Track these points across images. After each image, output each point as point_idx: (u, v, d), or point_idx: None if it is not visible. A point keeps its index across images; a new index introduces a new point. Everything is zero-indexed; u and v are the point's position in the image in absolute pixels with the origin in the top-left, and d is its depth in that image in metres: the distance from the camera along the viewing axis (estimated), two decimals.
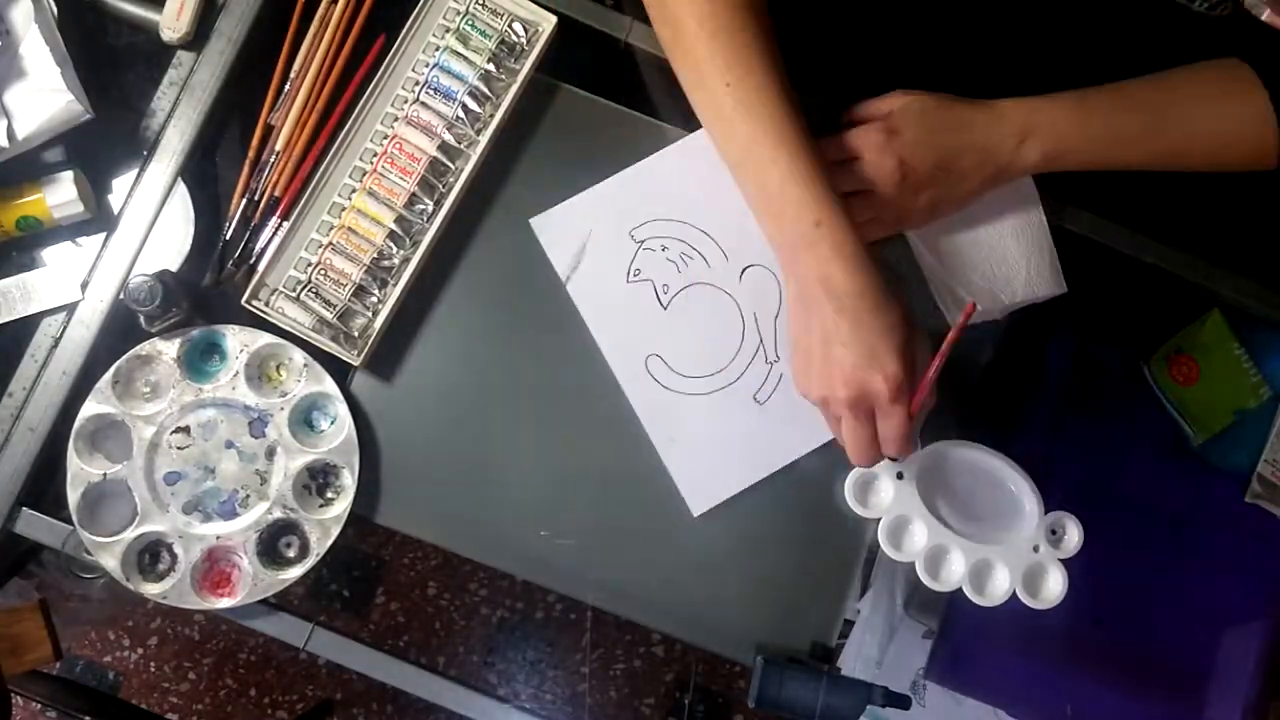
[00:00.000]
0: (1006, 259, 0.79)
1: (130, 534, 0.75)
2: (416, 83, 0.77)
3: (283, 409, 0.77)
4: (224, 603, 0.76)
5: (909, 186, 0.73)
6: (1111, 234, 0.83)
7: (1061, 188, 0.80)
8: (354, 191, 0.77)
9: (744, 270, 0.79)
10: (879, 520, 0.77)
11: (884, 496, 0.77)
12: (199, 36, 0.78)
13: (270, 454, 0.77)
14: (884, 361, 0.66)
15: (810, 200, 0.67)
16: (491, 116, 0.78)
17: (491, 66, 0.78)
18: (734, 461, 0.78)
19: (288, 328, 0.76)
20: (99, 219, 0.77)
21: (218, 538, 0.76)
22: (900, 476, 0.77)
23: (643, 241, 0.79)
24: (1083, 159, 0.74)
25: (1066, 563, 0.76)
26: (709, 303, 0.79)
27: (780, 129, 0.67)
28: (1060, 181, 0.78)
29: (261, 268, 0.76)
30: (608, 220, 0.79)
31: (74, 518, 0.75)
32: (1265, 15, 0.66)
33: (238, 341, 0.77)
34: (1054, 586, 0.76)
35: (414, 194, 0.76)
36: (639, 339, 0.78)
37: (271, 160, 0.78)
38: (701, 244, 0.79)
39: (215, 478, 0.77)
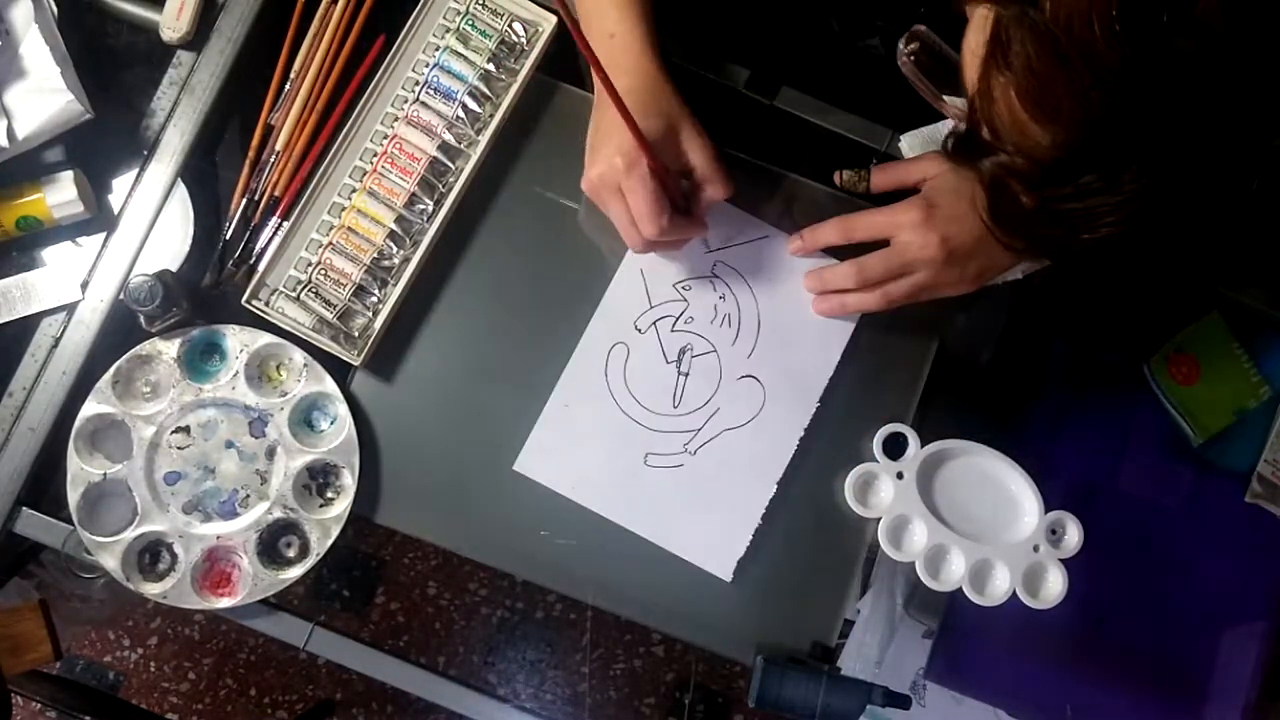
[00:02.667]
0: None
1: (130, 534, 0.75)
2: (417, 83, 0.77)
3: (283, 409, 0.77)
4: (224, 603, 0.76)
5: (955, 261, 0.71)
6: None
7: None
8: (354, 191, 0.77)
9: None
10: (879, 520, 0.77)
11: (884, 496, 0.77)
12: (199, 36, 0.78)
13: (270, 454, 0.77)
14: (619, 138, 0.68)
15: (612, 16, 0.71)
16: (491, 116, 0.78)
17: (491, 66, 0.78)
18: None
19: (288, 328, 0.76)
20: (99, 219, 0.77)
21: (218, 537, 0.76)
22: (900, 476, 0.77)
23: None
24: None
25: (1066, 563, 0.76)
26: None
27: None
28: None
29: (261, 268, 0.76)
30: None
31: (74, 517, 0.75)
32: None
33: (238, 341, 0.77)
34: (1054, 586, 0.76)
35: (414, 194, 0.76)
36: (628, 327, 0.79)
37: (271, 160, 0.78)
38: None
39: (215, 477, 0.77)
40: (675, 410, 0.79)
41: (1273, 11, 0.37)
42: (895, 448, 0.78)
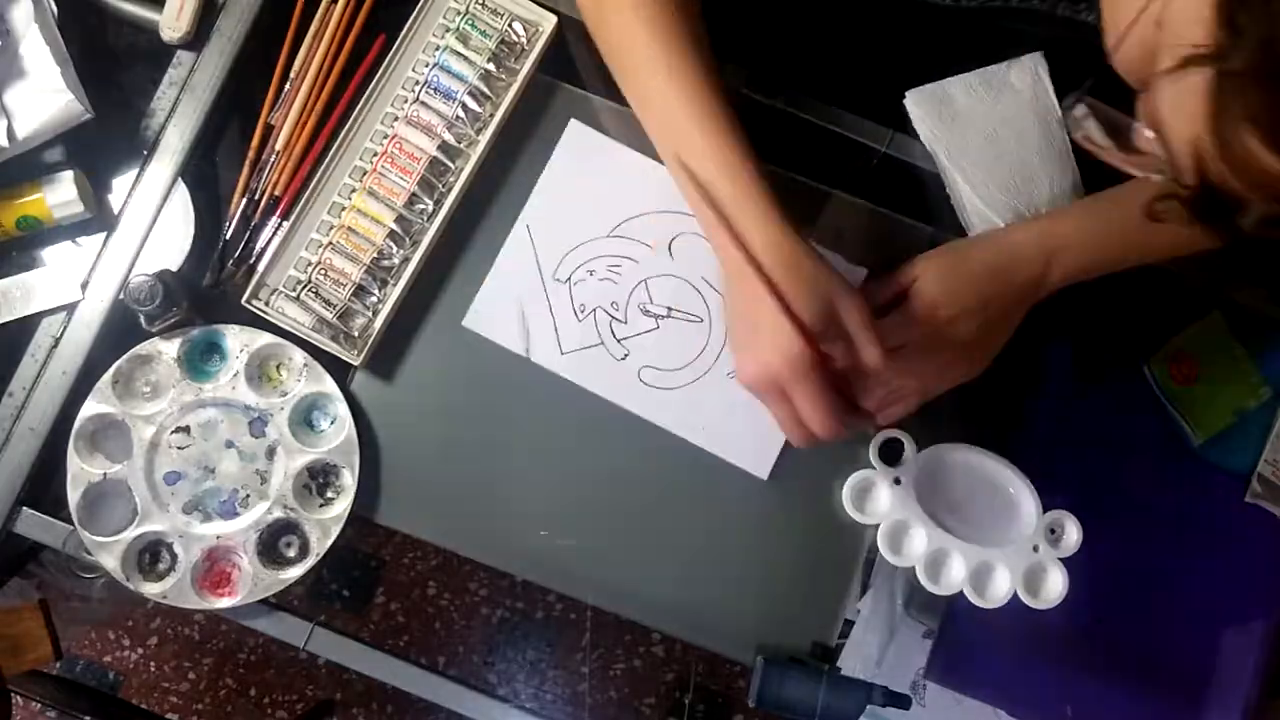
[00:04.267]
0: (1030, 174, 0.78)
1: (130, 534, 0.75)
2: (417, 82, 0.77)
3: (283, 409, 0.77)
4: (224, 602, 0.76)
5: (964, 353, 0.72)
6: None
7: None
8: (354, 191, 0.77)
9: (670, 245, 0.78)
10: (878, 525, 0.77)
11: (881, 503, 0.77)
12: (199, 36, 0.78)
13: (270, 454, 0.77)
14: (777, 337, 0.62)
15: (724, 179, 0.65)
16: (492, 116, 0.78)
17: (492, 66, 0.78)
18: (764, 415, 0.76)
19: (288, 327, 0.76)
20: (99, 219, 0.77)
21: (218, 537, 0.76)
22: (898, 482, 0.77)
23: (570, 279, 0.78)
24: (1102, 268, 0.74)
25: (1066, 563, 0.76)
26: (659, 292, 0.79)
27: (702, 102, 0.66)
28: None
29: (261, 267, 0.76)
30: (526, 280, 0.78)
31: (74, 517, 0.75)
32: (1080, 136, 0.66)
33: (238, 341, 0.77)
34: (1054, 586, 0.76)
35: (414, 194, 0.76)
36: (622, 366, 0.78)
37: (271, 160, 0.78)
38: (619, 247, 0.79)
39: (215, 477, 0.77)
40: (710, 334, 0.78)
41: None
42: (891, 453, 0.78)
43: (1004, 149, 0.79)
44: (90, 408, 0.75)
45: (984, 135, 0.78)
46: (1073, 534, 0.76)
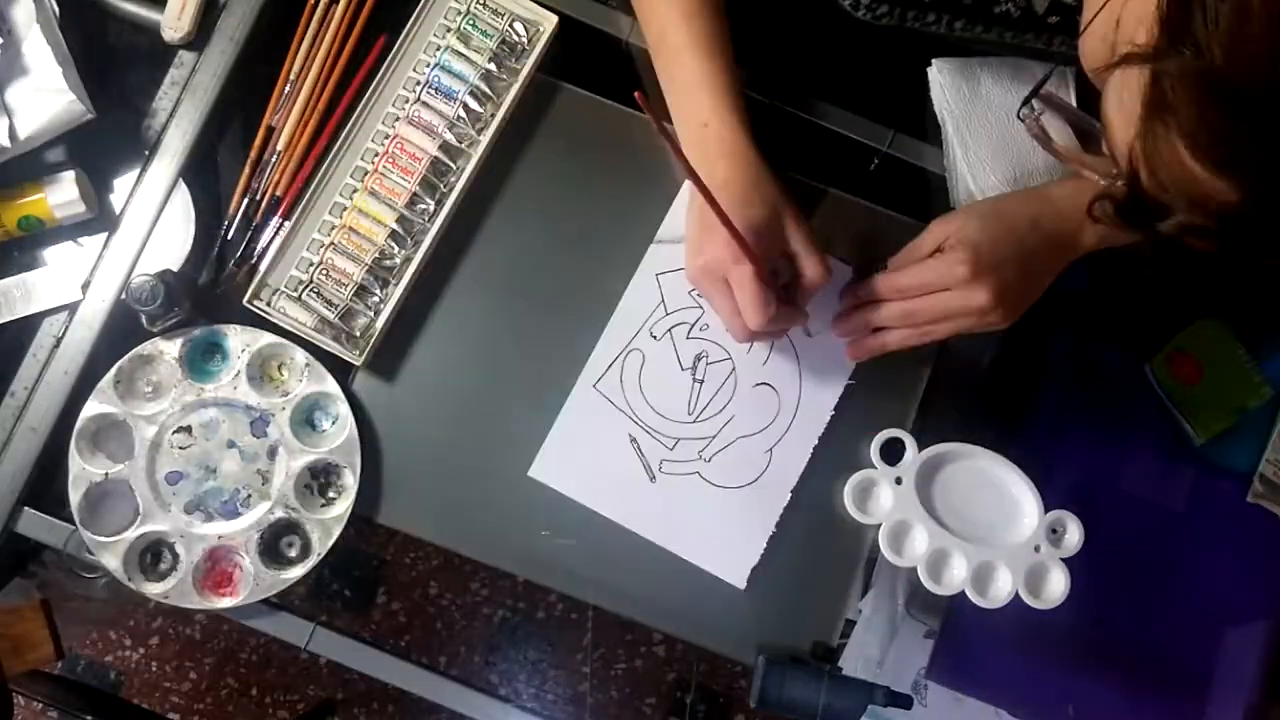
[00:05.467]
0: (1032, 173, 0.78)
1: (132, 534, 0.76)
2: (418, 82, 0.77)
3: (284, 409, 0.77)
4: (225, 602, 0.76)
5: (1002, 305, 0.71)
6: None
7: None
8: (355, 191, 0.77)
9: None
10: (879, 526, 0.77)
11: (883, 502, 0.77)
12: (201, 36, 0.78)
13: (272, 454, 0.77)
14: (723, 235, 0.67)
15: (706, 103, 0.71)
16: (493, 116, 0.78)
17: (493, 66, 0.78)
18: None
19: (289, 328, 0.76)
20: (100, 219, 0.77)
21: (219, 537, 0.76)
22: (899, 482, 0.77)
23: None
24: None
25: (1068, 563, 0.76)
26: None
27: (687, 14, 0.71)
28: None
29: (263, 268, 0.76)
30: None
31: (76, 517, 0.75)
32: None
33: (239, 341, 0.77)
34: (1056, 586, 0.76)
35: (415, 193, 0.76)
36: (643, 332, 0.79)
37: (273, 160, 0.78)
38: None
39: (217, 477, 0.77)
40: (690, 418, 0.78)
41: None
42: (893, 453, 0.78)
43: (1012, 141, 0.78)
44: (92, 407, 0.75)
45: (996, 121, 0.78)
46: (1074, 534, 0.76)
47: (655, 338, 0.79)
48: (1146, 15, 0.41)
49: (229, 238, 0.78)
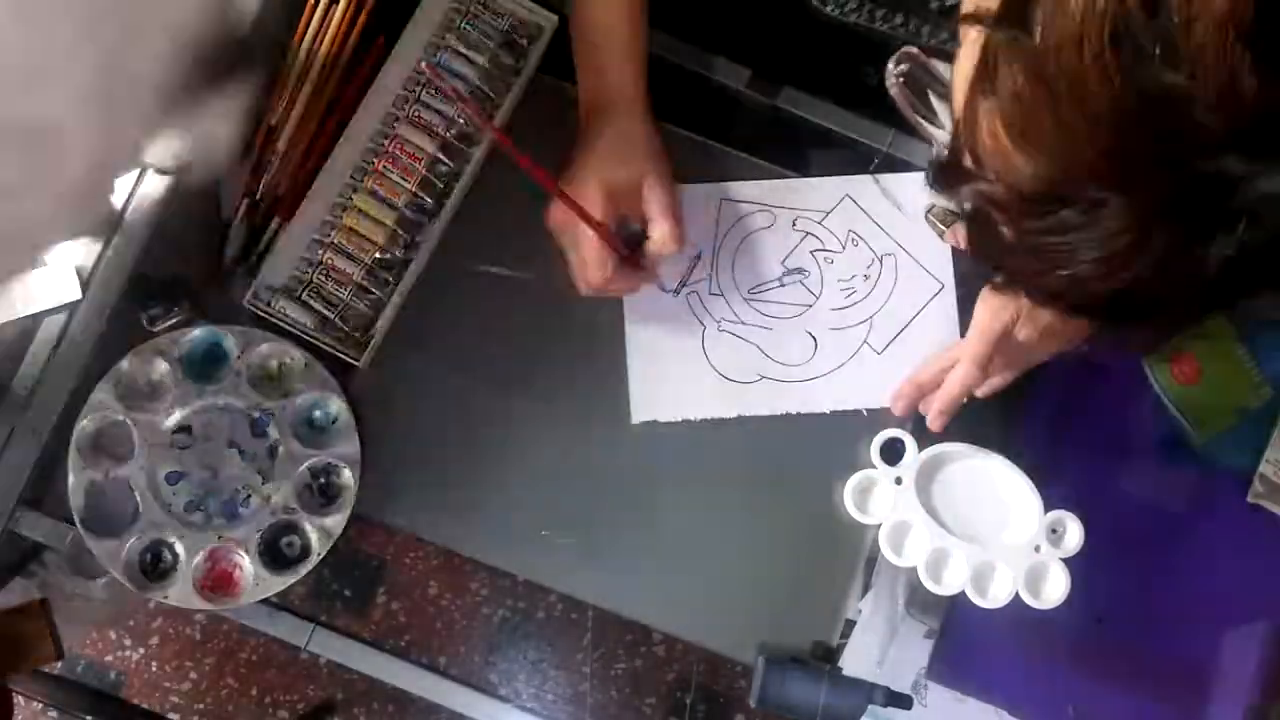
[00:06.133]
0: None
1: (132, 534, 0.75)
2: (417, 83, 0.77)
3: (284, 409, 0.77)
4: (225, 603, 0.76)
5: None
6: None
7: None
8: (355, 192, 0.77)
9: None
10: (879, 525, 0.77)
11: (883, 503, 0.77)
12: None
13: (272, 454, 0.77)
14: (582, 189, 0.71)
15: (606, 60, 0.74)
16: (492, 116, 0.78)
17: (492, 66, 0.78)
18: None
19: (290, 328, 0.76)
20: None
21: (219, 538, 0.76)
22: (899, 482, 0.77)
23: None
24: None
25: (1068, 563, 0.76)
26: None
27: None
28: None
29: (263, 268, 0.76)
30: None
31: (76, 517, 0.75)
32: (947, 236, 0.68)
33: (239, 341, 0.77)
34: (1056, 586, 0.76)
35: (415, 194, 0.76)
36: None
37: (273, 160, 0.78)
38: None
39: (217, 477, 0.77)
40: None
41: (1267, 48, 0.35)
42: (893, 453, 0.78)
43: None
44: (92, 408, 0.75)
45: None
46: (1074, 534, 0.76)
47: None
48: None
49: (229, 238, 0.78)
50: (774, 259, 0.80)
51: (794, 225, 0.80)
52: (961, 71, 0.45)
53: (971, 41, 0.44)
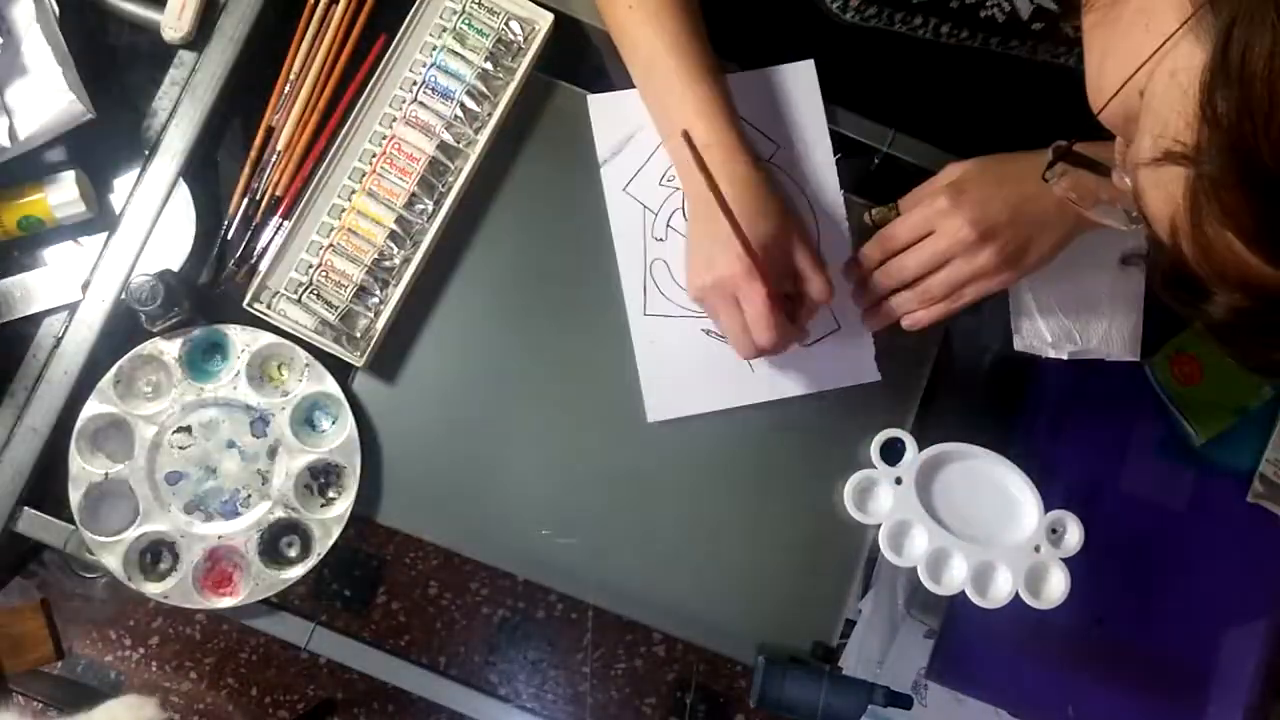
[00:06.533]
0: (1095, 309, 0.78)
1: (132, 533, 0.76)
2: (414, 83, 0.77)
3: (284, 409, 0.77)
4: (225, 602, 0.76)
5: (988, 241, 0.71)
6: None
7: None
8: (354, 192, 0.77)
9: None
10: (879, 525, 0.77)
11: (883, 502, 0.77)
12: (201, 36, 0.78)
13: (272, 454, 0.77)
14: (731, 251, 0.67)
15: (703, 129, 0.70)
16: (490, 115, 0.78)
17: (489, 65, 0.78)
18: (700, 385, 0.79)
19: (290, 330, 0.76)
20: (100, 219, 0.77)
21: (219, 537, 0.76)
22: (899, 482, 0.77)
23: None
24: None
25: (1067, 563, 0.76)
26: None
27: (675, 44, 0.71)
28: None
29: (263, 270, 0.76)
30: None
31: (76, 517, 0.75)
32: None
33: (239, 341, 0.77)
34: (1056, 586, 0.76)
35: (414, 194, 0.76)
36: (649, 242, 0.79)
37: (272, 160, 0.78)
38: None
39: (217, 477, 0.77)
40: None
41: None
42: (893, 453, 0.78)
43: (1077, 270, 0.77)
44: (92, 407, 0.75)
45: (1066, 254, 0.75)
46: (1074, 534, 0.76)
47: (661, 239, 0.79)
48: (1182, 108, 0.40)
49: (229, 238, 0.78)
50: None
51: None
52: (1156, 189, 0.43)
53: (1163, 174, 0.42)
